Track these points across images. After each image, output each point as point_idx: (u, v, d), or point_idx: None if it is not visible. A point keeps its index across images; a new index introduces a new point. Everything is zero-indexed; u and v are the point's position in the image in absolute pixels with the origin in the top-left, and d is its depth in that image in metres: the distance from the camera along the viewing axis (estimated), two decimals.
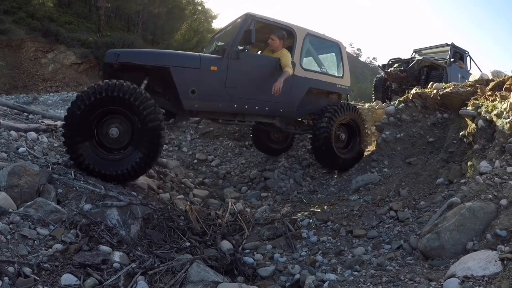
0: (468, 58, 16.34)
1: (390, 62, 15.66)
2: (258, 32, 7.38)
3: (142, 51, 6.79)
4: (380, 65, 16.65)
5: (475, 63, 16.14)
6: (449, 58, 15.07)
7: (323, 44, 8.60)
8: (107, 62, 6.15)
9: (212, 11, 37.45)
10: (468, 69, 16.13)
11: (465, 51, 16.31)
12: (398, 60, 15.44)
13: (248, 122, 7.66)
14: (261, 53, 8.51)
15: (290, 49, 7.59)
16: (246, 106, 6.92)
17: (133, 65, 6.10)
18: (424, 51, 16.80)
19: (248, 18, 6.99)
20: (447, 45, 15.95)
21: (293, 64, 7.38)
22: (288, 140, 10.27)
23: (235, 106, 6.78)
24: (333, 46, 8.71)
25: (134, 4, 27.59)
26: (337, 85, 8.46)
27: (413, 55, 16.60)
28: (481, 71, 16.95)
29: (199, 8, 35.23)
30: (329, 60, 8.82)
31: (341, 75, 8.58)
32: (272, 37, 7.40)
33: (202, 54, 6.73)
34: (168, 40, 28.89)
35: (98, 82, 5.67)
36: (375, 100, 14.46)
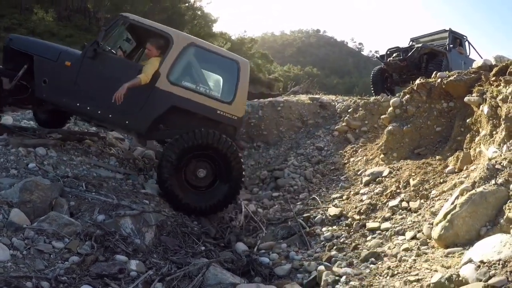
0: (466, 43, 15.86)
1: (388, 52, 14.97)
2: (141, 36, 7.16)
3: (25, 39, 7.16)
4: (379, 55, 16.07)
5: (474, 48, 15.52)
6: (449, 44, 14.63)
7: (216, 60, 7.16)
8: (4, 45, 6.82)
9: (211, 15, 37.48)
10: (468, 54, 15.64)
11: (463, 36, 15.87)
12: (397, 49, 14.75)
13: (106, 129, 7.41)
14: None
15: None
16: (88, 108, 6.41)
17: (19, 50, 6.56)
18: (421, 39, 16.24)
19: (120, 19, 6.67)
20: (445, 31, 15.49)
21: (158, 74, 6.38)
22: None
23: (78, 104, 6.41)
24: (230, 65, 7.01)
25: (134, 13, 27.76)
26: (218, 111, 6.64)
27: (410, 44, 15.89)
28: (480, 56, 16.62)
29: (199, 13, 35.34)
30: (220, 80, 7.48)
31: (229, 100, 6.77)
32: (149, 46, 6.65)
33: (68, 48, 6.82)
34: None
35: None
36: (375, 95, 14.13)
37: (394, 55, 14.54)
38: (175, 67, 6.62)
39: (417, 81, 8.06)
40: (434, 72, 8.31)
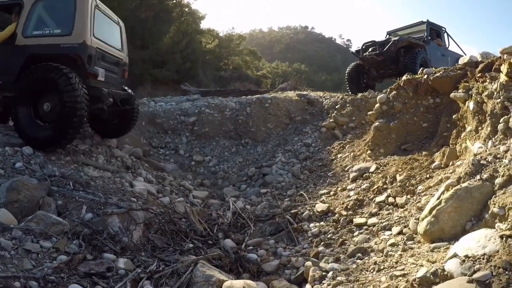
0: (445, 35, 15.58)
1: (364, 47, 14.22)
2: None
3: None
4: (354, 51, 15.21)
5: (453, 39, 15.00)
6: (427, 36, 14.29)
7: (58, 3, 7.67)
8: None
9: (199, 11, 37.10)
10: (447, 46, 15.45)
11: (442, 27, 15.57)
12: (373, 43, 14.07)
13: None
14: None
15: None
16: None
17: None
18: (398, 32, 15.73)
19: None
20: (422, 22, 15.05)
21: (16, 34, 7.20)
22: (122, 115, 8.93)
23: None
24: (69, 2, 7.42)
25: (121, 9, 27.52)
26: (61, 45, 7.15)
27: (387, 38, 15.39)
28: (460, 48, 16.55)
29: (186, 9, 35.03)
30: (62, 18, 7.55)
31: (69, 31, 7.17)
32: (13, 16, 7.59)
33: None
34: (157, 43, 28.80)
35: None
36: (350, 93, 13.77)
37: (370, 49, 14.02)
38: (28, 23, 7.31)
39: (404, 78, 8.11)
40: (421, 69, 8.36)
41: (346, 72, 15.21)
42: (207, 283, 4.11)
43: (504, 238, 3.44)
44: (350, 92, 14.05)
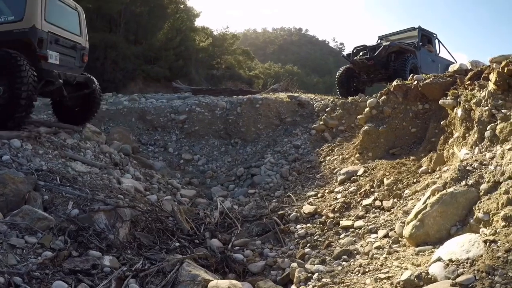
0: (436, 41, 15.65)
1: (355, 51, 14.16)
2: None
3: None
4: (345, 54, 15.23)
5: (444, 46, 14.90)
6: (418, 42, 14.34)
7: None
8: None
9: (194, 9, 37.01)
10: (438, 52, 15.55)
11: (433, 33, 15.65)
12: (364, 47, 13.96)
13: None
14: None
15: None
16: None
17: None
18: (390, 37, 15.66)
19: None
20: (414, 28, 15.12)
21: None
22: (84, 101, 9.07)
23: None
24: None
25: (116, 3, 27.30)
26: (15, 31, 7.41)
27: (378, 42, 15.16)
28: (451, 54, 16.59)
29: (181, 6, 34.93)
30: (16, 5, 7.70)
31: (21, 17, 7.42)
32: None
33: None
34: (151, 39, 28.73)
35: None
36: (340, 96, 13.73)
37: (360, 53, 13.95)
38: None
39: (394, 83, 8.17)
40: (411, 75, 8.41)
41: (337, 75, 15.15)
42: (193, 283, 4.10)
43: (487, 243, 3.49)
44: (340, 96, 14.01)
